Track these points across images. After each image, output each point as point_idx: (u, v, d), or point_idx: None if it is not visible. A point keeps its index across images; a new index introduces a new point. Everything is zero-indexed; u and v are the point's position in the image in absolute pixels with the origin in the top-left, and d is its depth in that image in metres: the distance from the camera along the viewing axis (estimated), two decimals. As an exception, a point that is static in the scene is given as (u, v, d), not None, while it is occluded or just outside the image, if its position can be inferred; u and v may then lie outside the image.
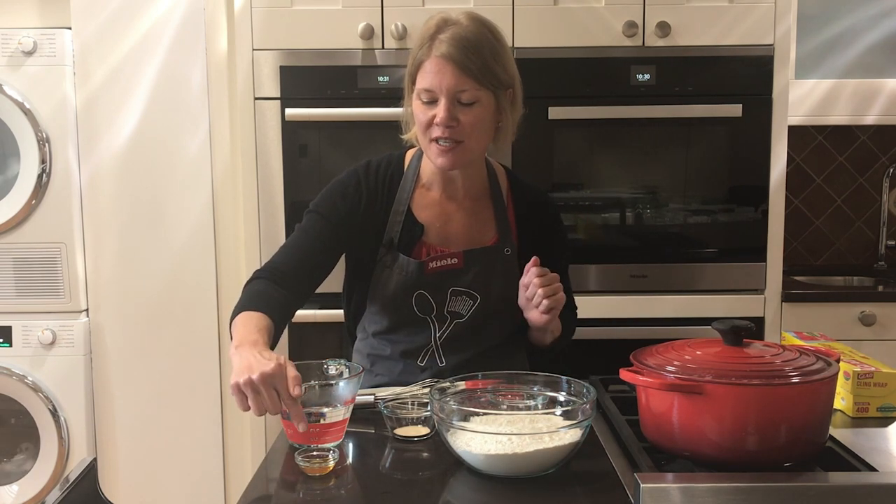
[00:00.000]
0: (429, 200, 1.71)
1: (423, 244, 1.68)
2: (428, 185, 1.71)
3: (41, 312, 2.67)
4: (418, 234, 1.68)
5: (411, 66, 1.61)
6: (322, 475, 1.26)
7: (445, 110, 1.55)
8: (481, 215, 1.72)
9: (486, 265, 1.68)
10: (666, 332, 2.18)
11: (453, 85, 1.55)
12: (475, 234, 1.71)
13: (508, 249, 1.70)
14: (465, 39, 1.55)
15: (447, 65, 1.54)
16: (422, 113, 1.58)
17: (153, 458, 2.75)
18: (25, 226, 2.64)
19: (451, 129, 1.57)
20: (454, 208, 1.71)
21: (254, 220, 2.61)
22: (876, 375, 1.49)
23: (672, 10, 2.57)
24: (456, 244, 1.69)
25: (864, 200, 3.34)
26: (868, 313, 2.71)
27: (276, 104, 2.57)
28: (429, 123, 1.58)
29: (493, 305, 1.69)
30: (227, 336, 2.71)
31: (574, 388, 1.38)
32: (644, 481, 1.12)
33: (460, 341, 1.69)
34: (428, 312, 1.68)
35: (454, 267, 1.67)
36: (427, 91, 1.57)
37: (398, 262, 1.66)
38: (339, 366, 1.47)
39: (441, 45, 1.55)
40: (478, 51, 1.56)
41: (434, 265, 1.66)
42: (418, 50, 1.58)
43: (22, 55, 2.59)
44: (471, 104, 1.57)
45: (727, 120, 2.60)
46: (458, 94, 1.56)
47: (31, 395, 2.65)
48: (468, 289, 1.67)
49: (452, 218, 1.70)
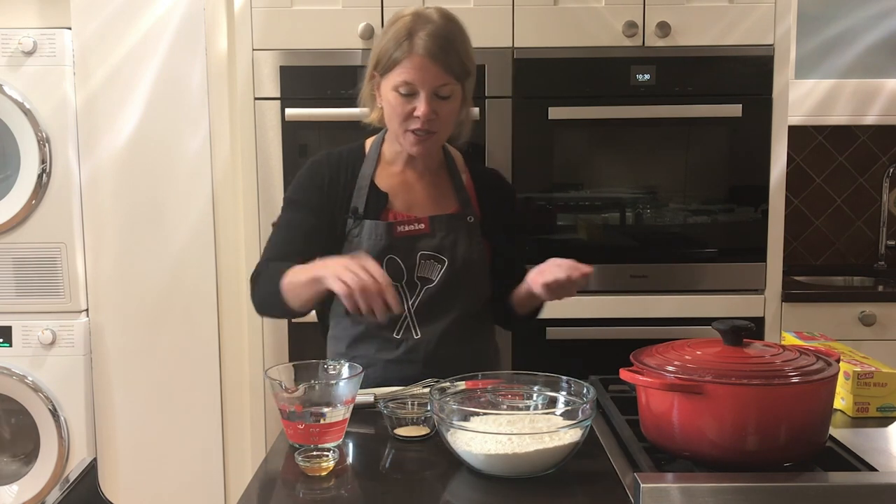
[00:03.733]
0: (390, 173, 1.79)
1: (388, 211, 1.75)
2: (391, 162, 1.79)
3: (41, 312, 2.67)
4: (383, 201, 1.74)
5: (384, 57, 1.66)
6: (322, 475, 1.26)
7: (426, 105, 1.64)
8: (441, 186, 1.80)
9: (451, 231, 1.75)
10: (666, 332, 2.18)
11: (435, 81, 1.63)
12: (437, 202, 1.78)
13: (471, 217, 1.78)
14: (443, 37, 1.63)
15: (430, 62, 1.62)
16: (400, 105, 1.66)
17: (153, 458, 2.75)
18: (25, 226, 2.64)
19: (430, 122, 1.66)
20: (415, 178, 1.79)
21: (254, 220, 2.61)
22: (876, 375, 1.49)
23: (672, 10, 2.57)
24: (420, 210, 1.76)
25: (864, 200, 3.35)
26: (868, 313, 2.71)
27: (276, 104, 2.57)
28: (407, 115, 1.66)
29: (461, 271, 1.74)
30: (226, 336, 2.74)
31: (574, 388, 1.38)
32: (644, 481, 1.13)
33: (433, 311, 1.74)
34: (399, 279, 1.71)
35: (422, 231, 1.73)
36: (407, 84, 1.63)
37: (366, 228, 1.72)
38: (339, 366, 1.47)
39: (422, 43, 1.62)
40: (454, 47, 1.65)
41: (402, 228, 1.72)
42: (395, 46, 1.64)
43: (22, 55, 2.59)
44: (447, 97, 1.66)
45: (727, 120, 2.60)
46: (437, 89, 1.64)
47: (31, 395, 2.65)
48: (437, 252, 1.73)
49: (414, 187, 1.78)
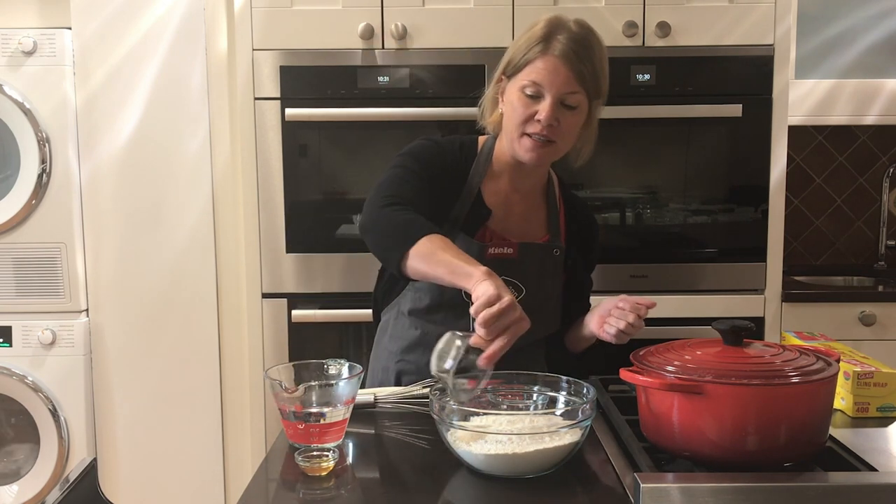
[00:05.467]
0: (497, 187, 1.72)
1: (486, 229, 1.70)
2: (498, 173, 1.72)
3: (41, 312, 2.67)
4: (484, 217, 1.69)
5: (516, 58, 1.60)
6: (322, 475, 1.26)
7: (551, 109, 1.57)
8: (537, 212, 1.75)
9: (537, 261, 1.70)
10: (666, 332, 2.17)
11: (564, 86, 1.57)
12: (530, 228, 1.73)
13: (557, 250, 1.73)
14: (580, 44, 1.57)
15: (563, 65, 1.56)
16: (523, 106, 1.59)
17: (153, 458, 2.75)
18: (25, 226, 2.64)
19: (551, 128, 1.58)
20: (517, 199, 1.73)
21: (254, 220, 2.61)
22: (876, 375, 1.49)
23: (672, 10, 2.56)
24: (513, 234, 1.71)
25: (864, 200, 3.34)
26: (868, 313, 2.71)
27: (276, 104, 2.57)
28: (528, 118, 1.59)
29: (537, 302, 1.68)
30: (226, 336, 2.74)
31: (574, 388, 1.38)
32: (644, 481, 1.12)
33: None
34: None
35: (509, 256, 1.68)
36: (535, 84, 1.57)
37: (459, 241, 1.64)
38: (339, 366, 1.47)
39: (559, 45, 1.56)
40: (591, 57, 1.58)
41: (493, 251, 1.67)
42: (528, 48, 1.58)
43: (22, 55, 2.59)
44: (573, 108, 1.59)
45: (727, 120, 2.60)
46: (564, 96, 1.57)
47: (31, 395, 2.65)
48: (517, 280, 1.67)
49: (514, 209, 1.73)
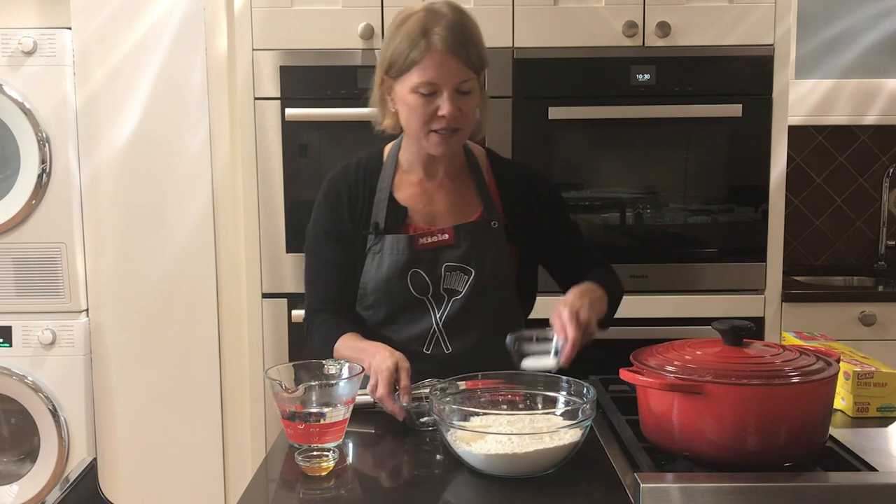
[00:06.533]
0: (409, 183, 1.73)
1: (408, 226, 1.70)
2: (408, 170, 1.74)
3: (41, 312, 2.67)
4: (402, 215, 1.70)
5: (399, 59, 1.59)
6: (322, 475, 1.26)
7: (451, 103, 1.58)
8: (462, 191, 1.74)
9: (476, 239, 1.69)
10: (666, 332, 2.18)
11: (458, 77, 1.57)
12: (459, 210, 1.72)
13: (495, 222, 1.71)
14: (460, 31, 1.57)
15: (451, 58, 1.56)
16: (421, 106, 1.59)
17: (153, 458, 2.74)
18: (25, 226, 2.64)
19: (454, 119, 1.59)
20: (435, 187, 1.73)
21: (254, 220, 2.61)
22: (876, 375, 1.49)
23: (672, 10, 2.57)
24: (442, 222, 1.71)
25: (864, 200, 3.34)
26: (868, 313, 2.71)
27: (276, 104, 2.57)
28: (430, 116, 1.60)
29: (489, 280, 1.69)
30: (226, 336, 2.74)
31: (574, 388, 1.38)
32: (644, 481, 1.13)
33: (464, 323, 1.69)
34: (424, 292, 1.68)
35: (445, 242, 1.68)
36: (429, 84, 1.57)
37: (387, 243, 1.68)
38: (339, 366, 1.47)
39: (440, 38, 1.55)
40: (472, 40, 1.60)
41: (424, 241, 1.68)
42: (409, 46, 1.57)
43: (22, 55, 2.59)
44: (469, 92, 1.60)
45: (727, 120, 2.60)
46: (459, 85, 1.58)
47: (31, 395, 2.65)
48: (462, 263, 1.68)
49: (434, 197, 1.73)
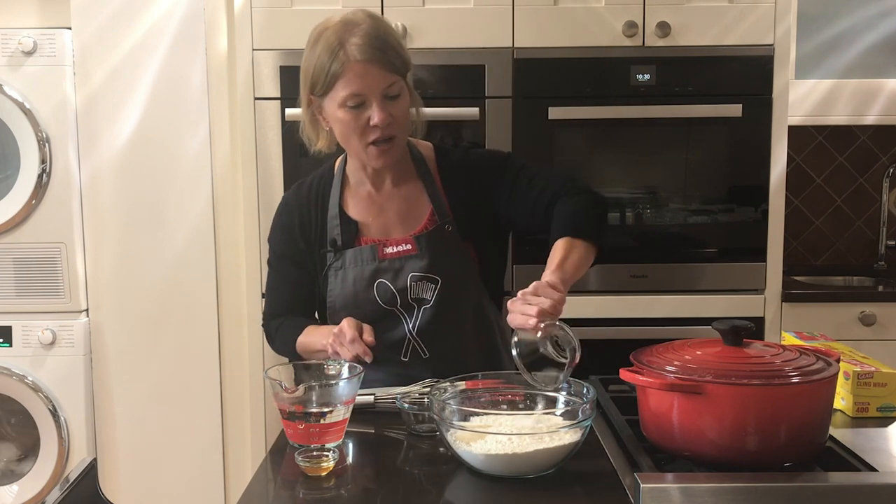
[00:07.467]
0: (358, 198, 1.72)
1: (360, 240, 1.69)
2: (356, 184, 1.72)
3: (41, 312, 2.67)
4: (354, 231, 1.69)
5: (321, 77, 1.57)
6: (322, 475, 1.26)
7: (381, 111, 1.55)
8: (412, 198, 1.71)
9: (437, 246, 1.67)
10: (666, 332, 2.18)
11: (382, 83, 1.55)
12: (411, 218, 1.70)
13: (449, 226, 1.69)
14: (376, 36, 1.55)
15: (372, 66, 1.53)
16: (353, 119, 1.57)
17: (153, 458, 2.75)
18: (25, 226, 2.64)
19: (388, 126, 1.57)
20: (384, 199, 1.71)
21: (254, 220, 2.61)
22: (876, 375, 1.49)
23: (672, 10, 2.57)
24: (396, 232, 1.70)
25: (864, 200, 3.35)
26: (868, 313, 2.71)
27: (276, 104, 2.57)
28: (363, 128, 1.57)
29: (456, 287, 1.68)
30: (226, 336, 2.74)
31: (574, 388, 1.38)
32: (644, 481, 1.12)
33: (438, 330, 1.68)
34: (392, 303, 1.67)
35: (409, 253, 1.67)
36: (354, 96, 1.55)
37: (349, 257, 1.67)
38: (339, 366, 1.47)
39: (357, 48, 1.53)
40: (390, 43, 1.57)
41: (390, 251, 1.67)
42: (329, 61, 1.55)
43: (22, 55, 2.59)
44: (397, 96, 1.58)
45: (727, 120, 2.60)
46: (386, 91, 1.56)
47: (31, 395, 2.65)
48: (427, 272, 1.66)
49: (384, 207, 1.71)
